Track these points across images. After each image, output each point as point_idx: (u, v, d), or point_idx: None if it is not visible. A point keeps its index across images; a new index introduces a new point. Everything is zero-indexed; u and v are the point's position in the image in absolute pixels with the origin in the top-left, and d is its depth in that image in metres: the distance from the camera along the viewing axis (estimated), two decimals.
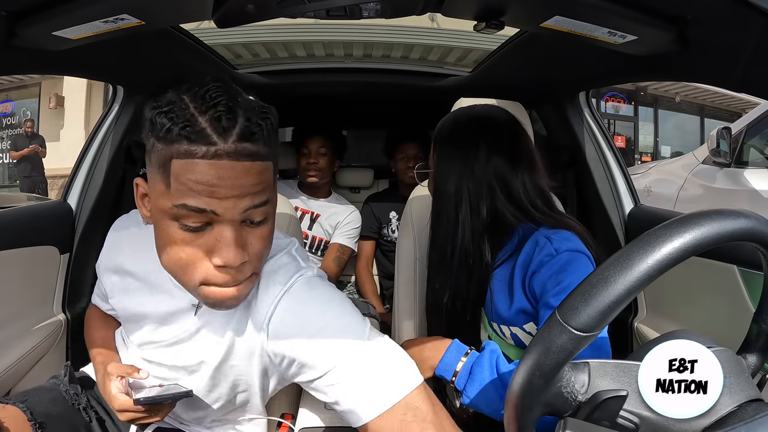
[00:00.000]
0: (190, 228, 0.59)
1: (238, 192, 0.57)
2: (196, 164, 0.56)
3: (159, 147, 0.58)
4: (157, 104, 0.59)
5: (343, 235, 1.91)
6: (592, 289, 0.44)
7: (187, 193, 0.57)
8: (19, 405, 0.77)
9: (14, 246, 1.09)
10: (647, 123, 10.15)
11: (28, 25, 0.74)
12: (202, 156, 0.56)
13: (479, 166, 0.89)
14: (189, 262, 0.60)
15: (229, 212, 0.58)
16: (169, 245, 0.60)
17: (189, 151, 0.56)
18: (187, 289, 0.64)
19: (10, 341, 1.07)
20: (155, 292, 0.76)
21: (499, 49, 1.27)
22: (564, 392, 0.48)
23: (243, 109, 0.58)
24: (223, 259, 0.59)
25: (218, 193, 0.57)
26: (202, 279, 0.61)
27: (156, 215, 0.61)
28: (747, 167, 2.83)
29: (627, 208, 1.37)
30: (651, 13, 0.72)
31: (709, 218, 0.44)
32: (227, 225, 0.59)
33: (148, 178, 0.63)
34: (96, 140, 1.37)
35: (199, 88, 0.58)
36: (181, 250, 0.60)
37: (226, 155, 0.56)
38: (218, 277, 0.60)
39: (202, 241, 0.59)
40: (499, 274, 0.90)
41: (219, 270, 0.60)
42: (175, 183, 0.57)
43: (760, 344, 0.56)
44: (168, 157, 0.57)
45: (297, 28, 5.12)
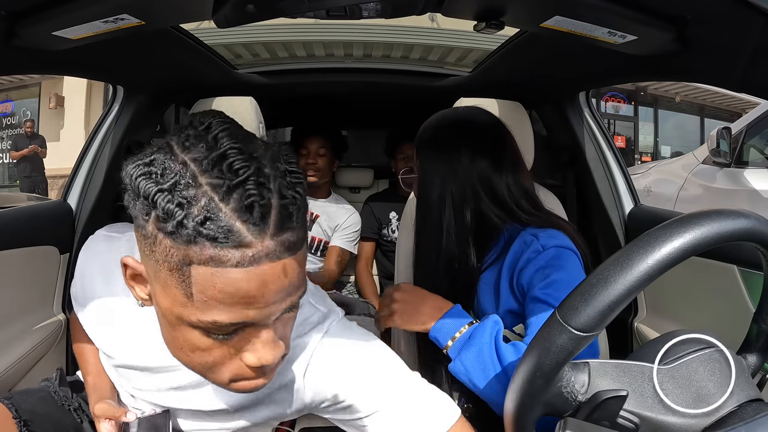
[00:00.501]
0: (219, 337, 0.47)
1: (281, 296, 0.46)
2: (229, 274, 0.43)
3: (167, 243, 0.43)
4: (150, 169, 0.44)
5: (342, 239, 1.91)
6: (592, 289, 0.44)
7: (216, 307, 0.44)
8: (3, 401, 0.76)
9: (14, 246, 1.09)
10: (647, 123, 10.15)
11: (28, 25, 0.74)
12: (235, 264, 0.43)
13: (462, 169, 0.88)
14: (216, 363, 0.50)
15: (269, 318, 0.47)
16: (191, 351, 0.49)
17: (217, 257, 0.42)
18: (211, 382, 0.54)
19: (10, 341, 1.07)
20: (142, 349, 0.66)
21: (499, 49, 1.27)
22: (564, 392, 0.48)
23: (272, 179, 0.44)
24: (259, 359, 0.48)
25: (258, 303, 0.45)
26: (232, 377, 0.51)
27: (168, 318, 0.48)
28: (747, 167, 2.83)
29: (627, 208, 1.37)
30: (651, 13, 0.72)
31: (709, 218, 0.44)
32: (264, 331, 0.48)
33: (144, 264, 0.50)
34: (96, 140, 1.36)
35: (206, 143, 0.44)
36: (207, 355, 0.49)
37: (265, 257, 0.43)
38: (252, 374, 0.51)
39: (232, 344, 0.49)
40: (486, 277, 0.89)
41: (256, 372, 0.50)
42: (200, 295, 0.44)
43: (760, 344, 0.56)
44: (185, 261, 0.43)
45: (297, 28, 5.11)
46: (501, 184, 0.88)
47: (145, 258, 0.48)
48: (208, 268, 0.43)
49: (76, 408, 0.84)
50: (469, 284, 0.90)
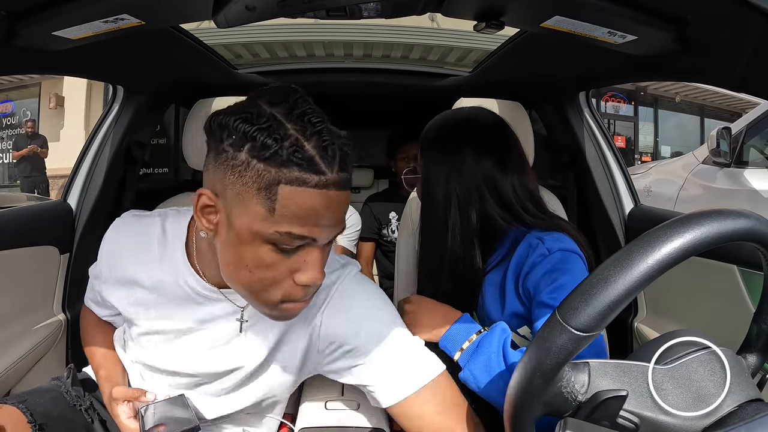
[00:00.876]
0: (285, 251, 0.59)
1: (337, 221, 0.60)
2: (309, 193, 0.56)
3: (260, 167, 0.55)
4: (246, 115, 0.57)
5: (344, 238, 1.91)
6: (592, 289, 0.44)
7: (293, 221, 0.56)
8: (18, 405, 0.76)
9: (14, 246, 1.09)
10: (647, 123, 10.15)
11: (28, 25, 0.74)
12: (314, 185, 0.56)
13: (467, 169, 0.87)
14: (274, 282, 0.60)
15: (325, 239, 0.60)
16: (256, 266, 0.60)
17: (301, 178, 0.55)
18: (259, 304, 0.64)
19: (10, 341, 1.07)
20: (180, 304, 0.74)
21: (499, 49, 1.27)
22: (564, 392, 0.48)
23: (335, 134, 0.59)
24: (309, 278, 0.60)
25: (322, 222, 0.58)
26: (283, 296, 0.62)
27: (242, 236, 0.59)
28: (747, 167, 2.83)
29: (627, 208, 1.37)
30: (651, 13, 0.72)
31: (709, 218, 0.44)
32: (317, 248, 0.60)
33: (222, 194, 0.59)
34: (96, 140, 1.36)
35: (288, 103, 0.58)
36: (269, 271, 0.60)
37: (333, 185, 0.57)
38: (299, 294, 0.62)
39: (290, 262, 0.60)
40: (491, 279, 0.89)
41: (302, 289, 0.61)
42: (282, 209, 0.56)
43: (760, 344, 0.56)
44: (275, 181, 0.55)
45: (297, 28, 5.12)
46: (506, 185, 0.88)
47: (228, 185, 0.58)
48: (293, 187, 0.55)
49: (87, 408, 0.84)
50: (473, 285, 0.90)
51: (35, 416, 0.76)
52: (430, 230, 0.92)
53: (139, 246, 0.76)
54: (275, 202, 0.56)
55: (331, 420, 0.88)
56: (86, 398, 0.85)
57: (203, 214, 0.62)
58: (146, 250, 0.75)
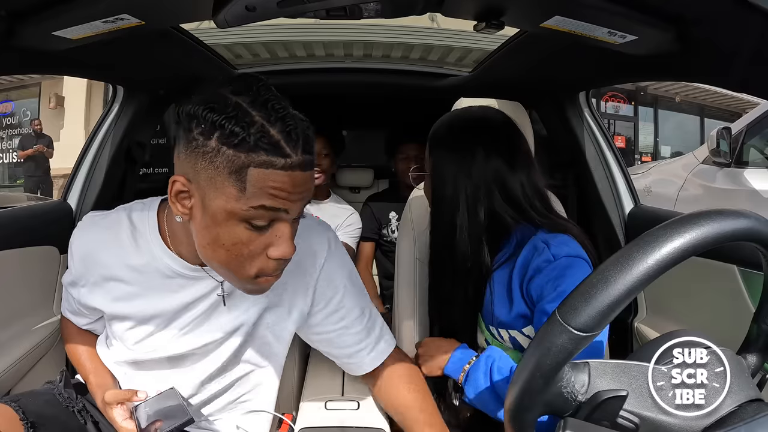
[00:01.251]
0: (257, 227, 0.63)
1: (304, 196, 0.65)
2: (276, 174, 0.61)
3: (230, 153, 0.60)
4: (213, 105, 0.60)
5: (345, 235, 1.91)
6: (592, 289, 0.44)
7: (264, 197, 0.61)
8: (11, 404, 0.77)
9: (14, 246, 1.09)
10: (647, 123, 10.14)
11: (28, 25, 0.74)
12: (281, 167, 0.61)
13: (477, 168, 0.88)
14: (249, 257, 0.65)
15: (295, 212, 0.65)
16: (233, 244, 0.64)
17: (268, 161, 0.60)
18: (237, 279, 0.68)
19: (10, 341, 1.06)
20: (162, 290, 0.77)
21: (499, 49, 1.27)
22: (564, 392, 0.48)
23: (297, 119, 0.63)
24: (281, 252, 0.65)
25: (291, 197, 0.63)
26: (258, 271, 0.66)
27: (217, 217, 0.63)
28: (747, 167, 2.84)
29: (627, 208, 1.37)
30: (651, 13, 0.72)
31: (709, 218, 0.44)
32: (287, 223, 0.65)
33: (195, 179, 0.63)
34: (96, 140, 1.36)
35: (252, 92, 0.62)
36: (245, 247, 0.64)
37: (298, 166, 0.62)
38: (272, 268, 0.67)
39: (263, 238, 0.65)
40: (498, 277, 0.89)
41: (274, 263, 0.66)
42: (253, 188, 0.61)
43: (760, 344, 0.56)
44: (244, 165, 0.60)
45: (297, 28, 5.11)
46: (515, 183, 0.88)
47: (200, 170, 0.62)
48: (261, 170, 0.60)
49: (81, 409, 0.85)
50: (480, 282, 0.91)
51: (27, 415, 0.76)
52: (439, 228, 0.93)
53: (110, 240, 0.77)
54: (246, 183, 0.61)
55: (331, 420, 0.88)
56: (79, 400, 0.86)
57: (178, 199, 0.66)
58: (118, 244, 0.76)
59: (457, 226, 0.89)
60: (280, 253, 0.65)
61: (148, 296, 0.77)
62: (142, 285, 0.77)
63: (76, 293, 0.83)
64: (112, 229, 0.78)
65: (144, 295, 0.77)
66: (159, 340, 0.80)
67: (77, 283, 0.81)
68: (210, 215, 0.63)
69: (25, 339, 1.10)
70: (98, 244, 0.78)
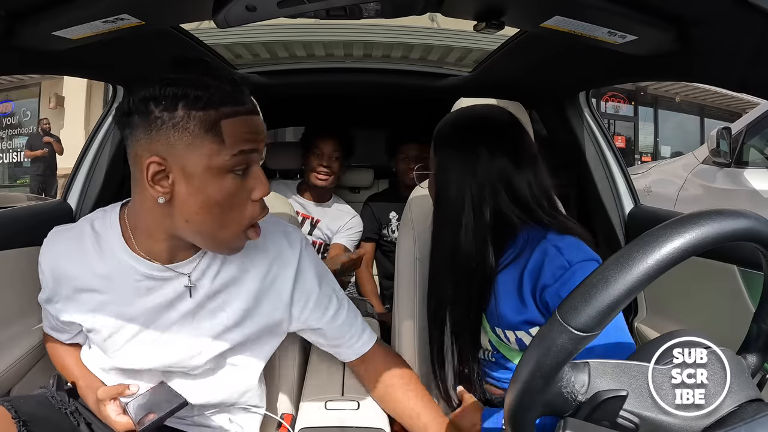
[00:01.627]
0: (240, 172, 0.69)
1: (263, 136, 0.73)
2: (243, 119, 0.68)
3: (200, 115, 0.65)
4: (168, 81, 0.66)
5: (345, 238, 1.90)
6: (592, 289, 0.44)
7: (241, 142, 0.68)
8: (4, 404, 0.77)
9: (14, 246, 1.09)
10: (647, 123, 10.14)
11: (28, 25, 0.74)
12: (244, 113, 0.69)
13: (482, 167, 0.87)
14: (239, 207, 0.71)
15: (262, 150, 0.73)
16: (224, 198, 0.69)
17: (234, 111, 0.67)
18: (228, 238, 0.72)
19: (10, 341, 1.07)
20: (133, 295, 0.77)
21: (499, 49, 1.27)
22: (564, 392, 0.48)
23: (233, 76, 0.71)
24: (262, 191, 0.71)
25: (259, 137, 0.71)
26: (249, 219, 0.72)
27: (204, 177, 0.67)
28: (747, 167, 2.84)
29: (627, 208, 1.37)
30: (651, 13, 0.72)
31: (709, 218, 0.44)
32: (257, 165, 0.72)
33: (170, 154, 0.66)
34: (96, 140, 1.36)
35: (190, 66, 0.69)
36: (234, 198, 0.70)
37: (254, 112, 0.71)
38: (257, 212, 0.73)
39: (246, 184, 0.70)
40: (504, 278, 0.88)
41: (258, 205, 0.73)
42: (230, 138, 0.67)
43: (760, 344, 0.56)
44: (216, 120, 0.66)
45: (297, 28, 5.11)
46: (522, 183, 0.87)
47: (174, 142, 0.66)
48: (231, 119, 0.67)
49: (73, 411, 0.86)
50: (484, 284, 0.89)
51: (20, 414, 0.77)
52: (443, 228, 0.92)
53: (74, 251, 0.78)
54: (222, 135, 0.66)
55: (331, 420, 0.88)
56: (71, 403, 0.86)
57: (155, 182, 0.68)
58: (83, 253, 0.77)
59: (462, 226, 0.88)
60: (262, 192, 0.71)
61: (119, 303, 0.77)
62: (113, 292, 0.77)
63: (53, 310, 0.83)
64: (76, 239, 0.78)
65: (115, 302, 0.77)
66: (139, 346, 0.80)
67: (52, 299, 0.82)
68: (197, 179, 0.67)
69: (25, 339, 1.10)
70: (64, 257, 0.78)
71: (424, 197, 1.18)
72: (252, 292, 0.81)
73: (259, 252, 0.82)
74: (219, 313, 0.80)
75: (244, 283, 0.81)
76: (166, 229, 0.72)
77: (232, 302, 0.80)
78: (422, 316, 1.12)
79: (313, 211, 1.90)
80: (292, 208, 1.24)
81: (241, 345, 0.84)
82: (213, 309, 0.80)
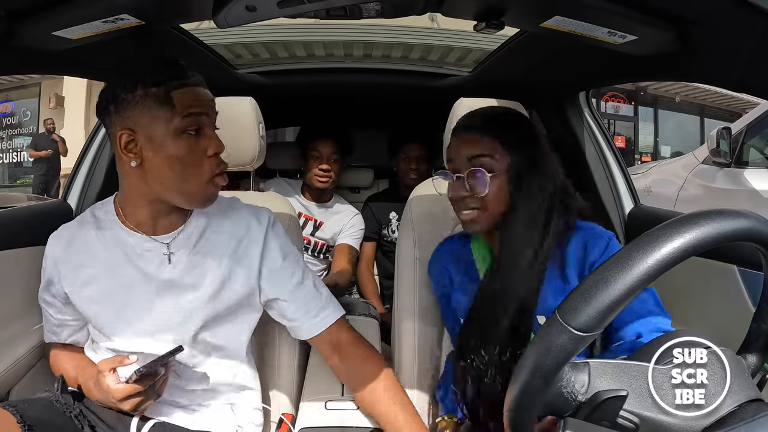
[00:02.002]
0: (192, 132, 0.81)
1: (212, 104, 0.85)
2: (190, 89, 0.82)
3: (154, 90, 0.79)
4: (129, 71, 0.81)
5: (349, 237, 1.90)
6: (592, 289, 0.44)
7: (189, 106, 0.80)
8: (8, 409, 0.79)
9: (14, 246, 1.09)
10: (647, 123, 10.14)
11: (28, 25, 0.75)
12: (191, 85, 0.82)
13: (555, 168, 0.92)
14: (197, 162, 0.82)
15: (212, 116, 0.85)
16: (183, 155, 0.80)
17: (181, 83, 0.81)
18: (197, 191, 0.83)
19: (10, 341, 1.07)
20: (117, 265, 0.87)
21: (499, 49, 1.27)
22: (564, 392, 0.48)
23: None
24: (215, 147, 0.83)
25: (207, 103, 0.84)
26: (209, 171, 0.83)
27: (165, 140, 0.80)
28: (747, 167, 2.84)
29: (627, 208, 1.37)
30: (651, 13, 0.72)
31: (709, 218, 0.44)
32: (209, 127, 0.84)
33: (137, 126, 0.80)
34: (96, 140, 1.36)
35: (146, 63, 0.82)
36: (191, 155, 0.81)
37: (200, 84, 0.84)
38: (215, 164, 0.83)
39: (200, 143, 0.82)
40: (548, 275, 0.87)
41: (215, 160, 0.83)
42: (179, 105, 0.79)
43: (760, 344, 0.56)
44: (167, 93, 0.79)
45: (297, 28, 5.10)
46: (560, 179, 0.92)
47: (138, 115, 0.79)
48: (180, 90, 0.80)
49: (77, 414, 0.87)
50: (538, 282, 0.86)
51: (25, 419, 0.79)
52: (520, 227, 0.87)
53: (75, 234, 0.90)
54: (174, 104, 0.79)
55: (331, 420, 0.88)
56: (76, 405, 0.88)
57: (127, 150, 0.81)
58: (84, 233, 0.89)
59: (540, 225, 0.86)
60: (215, 148, 0.83)
61: (109, 273, 0.87)
62: (105, 264, 0.88)
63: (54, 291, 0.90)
64: (78, 225, 0.91)
65: (106, 273, 0.87)
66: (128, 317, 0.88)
67: (53, 281, 0.90)
68: (158, 142, 0.80)
69: (25, 339, 1.10)
70: (66, 240, 0.90)
71: (424, 197, 1.18)
72: (226, 265, 0.89)
73: (231, 230, 0.92)
74: (199, 283, 0.88)
75: (218, 258, 0.89)
76: (144, 195, 0.84)
77: (208, 275, 0.88)
78: (422, 316, 1.12)
79: (316, 212, 1.90)
80: (292, 208, 1.24)
81: (223, 318, 0.91)
82: (192, 281, 0.88)
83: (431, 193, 1.02)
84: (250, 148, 1.24)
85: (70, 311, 0.92)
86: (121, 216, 0.88)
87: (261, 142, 1.26)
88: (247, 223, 0.93)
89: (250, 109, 1.27)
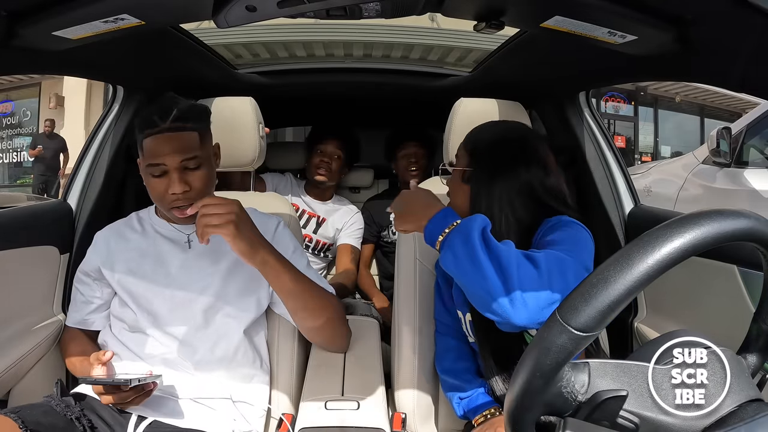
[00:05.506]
0: (156, 175, 0.95)
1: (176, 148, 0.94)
2: (151, 139, 0.94)
3: (140, 137, 0.96)
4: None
5: (350, 237, 1.92)
6: (592, 289, 0.44)
7: (148, 157, 0.95)
8: (10, 415, 0.80)
9: (14, 246, 1.09)
10: (647, 123, 10.14)
11: (28, 25, 0.75)
12: (155, 133, 0.94)
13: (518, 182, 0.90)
14: (161, 196, 0.96)
15: (174, 162, 0.94)
16: (150, 188, 0.98)
17: (147, 133, 0.95)
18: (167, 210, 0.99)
19: (10, 341, 1.06)
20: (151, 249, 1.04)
21: (499, 49, 1.27)
22: (564, 392, 0.48)
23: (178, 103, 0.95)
24: (172, 189, 0.94)
25: (163, 152, 0.94)
26: (169, 204, 0.97)
27: (143, 174, 0.98)
28: (747, 167, 2.84)
29: (627, 208, 1.37)
30: (651, 13, 0.72)
31: (709, 218, 0.44)
32: (174, 171, 0.94)
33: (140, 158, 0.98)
34: (96, 140, 1.36)
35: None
36: (155, 190, 0.97)
37: (167, 130, 0.94)
38: (172, 200, 0.96)
39: (163, 183, 0.95)
40: None
41: (173, 197, 0.95)
42: (147, 154, 0.95)
43: (760, 344, 0.56)
44: (140, 140, 0.96)
45: (297, 28, 5.09)
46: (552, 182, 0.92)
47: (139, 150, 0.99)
48: (145, 138, 0.96)
49: (78, 416, 0.88)
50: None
51: (27, 424, 0.80)
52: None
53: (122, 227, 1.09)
54: (143, 149, 0.96)
55: (331, 420, 0.88)
56: (76, 407, 0.89)
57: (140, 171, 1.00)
58: (130, 228, 1.08)
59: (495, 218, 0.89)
60: (172, 190, 0.94)
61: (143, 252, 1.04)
62: (139, 248, 1.05)
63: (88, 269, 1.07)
64: (124, 221, 1.10)
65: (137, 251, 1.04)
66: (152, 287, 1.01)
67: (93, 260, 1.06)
68: (142, 172, 0.98)
69: (25, 339, 1.10)
70: (114, 231, 1.08)
71: None
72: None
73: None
74: (215, 261, 1.03)
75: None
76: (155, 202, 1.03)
77: (222, 259, 1.03)
78: (422, 316, 1.12)
79: (319, 209, 1.93)
80: (291, 208, 1.24)
81: (232, 302, 1.02)
82: (209, 261, 1.03)
83: None
84: (250, 148, 1.24)
85: (98, 290, 1.07)
86: (158, 212, 1.08)
87: (261, 142, 1.26)
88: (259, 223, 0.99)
89: (250, 109, 1.27)
